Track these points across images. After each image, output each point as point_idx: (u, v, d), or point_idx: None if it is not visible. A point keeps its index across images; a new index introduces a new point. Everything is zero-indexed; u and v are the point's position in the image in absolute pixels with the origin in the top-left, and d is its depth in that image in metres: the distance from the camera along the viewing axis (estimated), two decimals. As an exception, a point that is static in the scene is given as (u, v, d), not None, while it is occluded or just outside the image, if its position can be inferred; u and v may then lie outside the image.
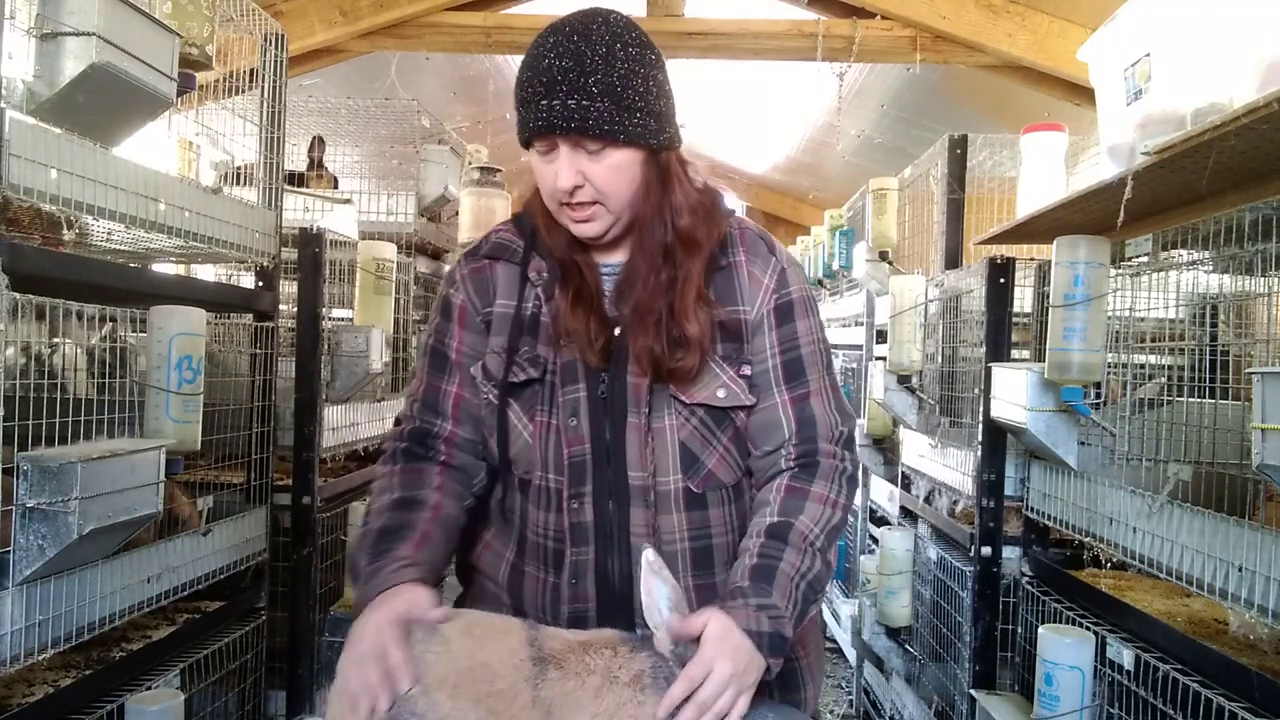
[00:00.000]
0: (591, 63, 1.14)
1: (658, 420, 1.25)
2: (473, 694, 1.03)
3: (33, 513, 1.40)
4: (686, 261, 1.25)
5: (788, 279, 1.31)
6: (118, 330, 1.84)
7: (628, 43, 1.17)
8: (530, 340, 1.28)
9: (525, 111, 1.18)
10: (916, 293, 2.75)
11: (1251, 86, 1.42)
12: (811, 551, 1.20)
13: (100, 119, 1.63)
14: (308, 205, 2.97)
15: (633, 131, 1.17)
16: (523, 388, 1.27)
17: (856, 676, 3.63)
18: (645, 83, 1.18)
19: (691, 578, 1.27)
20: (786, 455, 1.28)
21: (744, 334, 1.29)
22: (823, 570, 1.21)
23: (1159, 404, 1.89)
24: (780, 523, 1.21)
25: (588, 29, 1.16)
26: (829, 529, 1.24)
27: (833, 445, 1.29)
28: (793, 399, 1.28)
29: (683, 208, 1.26)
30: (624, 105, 1.16)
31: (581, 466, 1.24)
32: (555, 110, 1.14)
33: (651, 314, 1.23)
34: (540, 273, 1.30)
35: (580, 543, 1.24)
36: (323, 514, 2.51)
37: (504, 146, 5.84)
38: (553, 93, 1.14)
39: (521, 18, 4.57)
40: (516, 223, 1.36)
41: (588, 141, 1.16)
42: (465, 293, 1.33)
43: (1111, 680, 1.72)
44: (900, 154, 5.31)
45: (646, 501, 1.24)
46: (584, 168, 1.18)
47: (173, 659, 1.91)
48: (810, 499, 1.24)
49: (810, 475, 1.27)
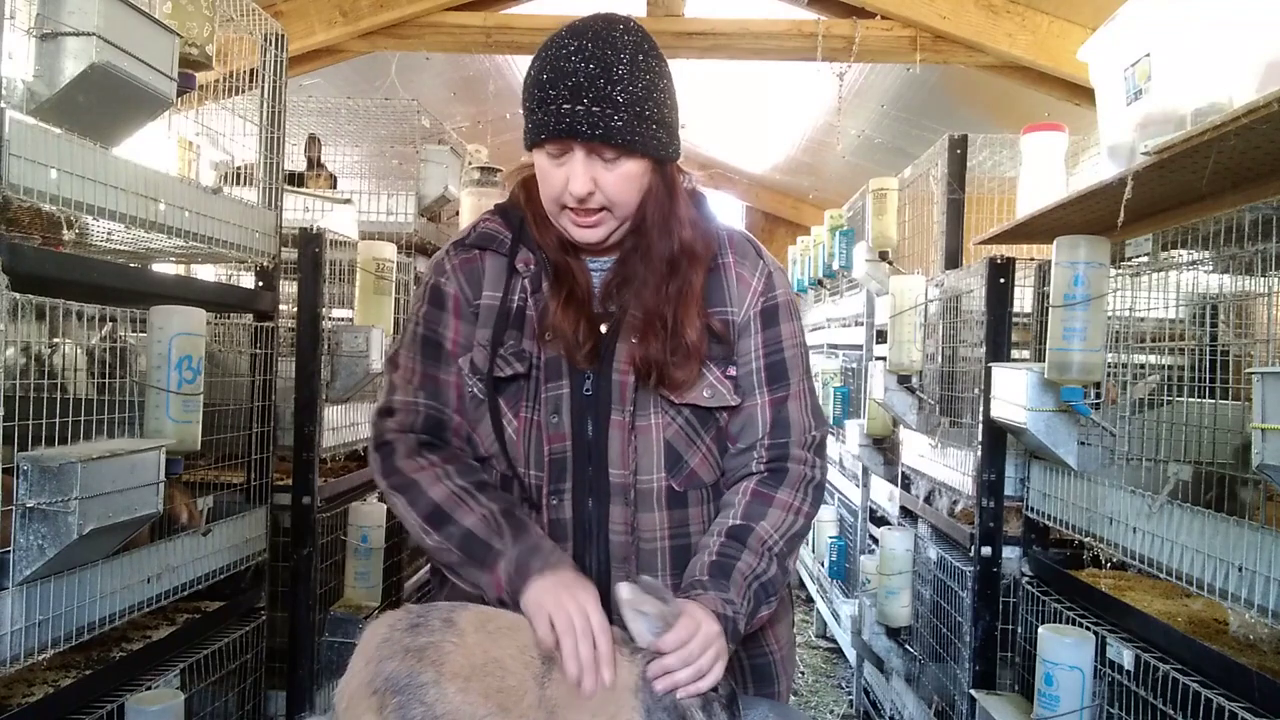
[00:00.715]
0: (617, 72, 1.14)
1: (643, 419, 1.26)
2: (483, 688, 1.04)
3: (33, 513, 1.40)
4: (689, 273, 1.27)
5: (774, 283, 1.34)
6: (118, 330, 1.84)
7: (648, 53, 1.19)
8: (515, 334, 1.28)
9: (542, 113, 1.17)
10: (916, 293, 2.75)
11: (1251, 86, 1.43)
12: (769, 556, 1.23)
13: (100, 119, 1.63)
14: (308, 205, 2.97)
15: (648, 143, 1.19)
16: (508, 383, 1.27)
17: (856, 676, 3.62)
18: (662, 95, 1.20)
19: (670, 576, 1.28)
20: (758, 457, 1.30)
21: (730, 335, 1.31)
22: (778, 574, 1.24)
23: (1159, 404, 1.89)
24: (741, 525, 1.24)
25: (611, 36, 1.16)
26: (789, 536, 1.26)
27: (804, 451, 1.31)
28: (772, 400, 1.31)
29: (685, 219, 1.28)
30: (643, 116, 1.17)
31: (562, 463, 1.25)
32: (579, 115, 1.14)
33: (659, 321, 1.24)
34: (528, 265, 1.30)
35: (559, 539, 1.25)
36: (323, 514, 2.51)
37: (504, 146, 5.85)
38: (577, 98, 1.14)
39: (521, 18, 4.57)
40: (503, 214, 1.36)
41: (606, 149, 1.17)
42: (457, 282, 1.32)
43: (1111, 680, 1.72)
44: (900, 154, 5.31)
45: (626, 499, 1.25)
46: (597, 174, 1.19)
47: (173, 659, 1.90)
48: (774, 505, 1.27)
49: (778, 481, 1.29)
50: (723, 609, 1.14)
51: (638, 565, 1.26)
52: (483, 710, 1.02)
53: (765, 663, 1.36)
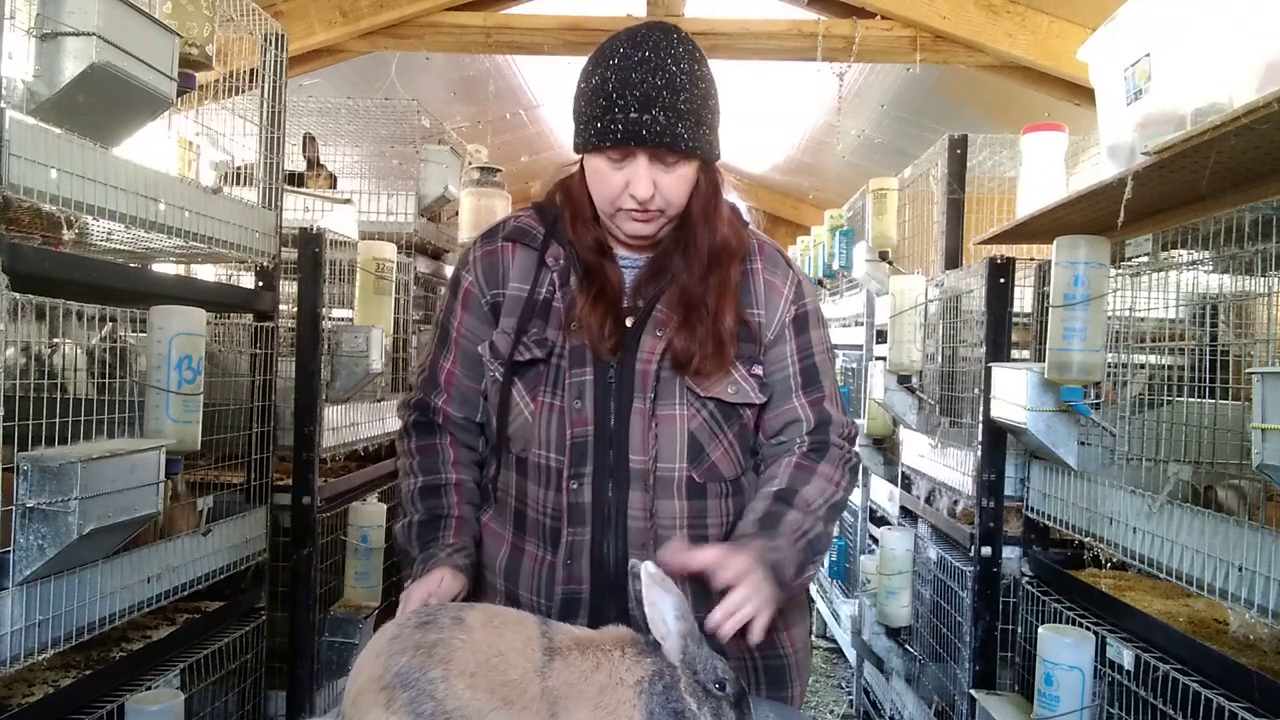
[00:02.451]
0: (679, 81, 1.21)
1: (666, 408, 1.30)
2: (489, 683, 1.05)
3: (33, 513, 1.40)
4: (728, 265, 1.33)
5: (803, 291, 1.41)
6: (118, 330, 1.84)
7: (700, 61, 1.26)
8: (540, 323, 1.34)
9: (607, 120, 1.22)
10: (916, 293, 2.75)
11: (1251, 86, 1.43)
12: (813, 517, 1.29)
13: (100, 119, 1.63)
14: (307, 205, 2.97)
15: (704, 147, 1.26)
16: (528, 367, 1.33)
17: (856, 676, 3.63)
18: (715, 102, 1.28)
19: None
20: (800, 442, 1.36)
21: (758, 336, 1.36)
22: (823, 534, 1.30)
23: (1159, 404, 1.89)
24: (786, 489, 1.30)
25: (670, 45, 1.23)
26: (830, 504, 1.32)
27: (842, 439, 1.39)
28: (810, 402, 1.38)
29: (724, 217, 1.35)
30: (701, 122, 1.24)
31: (583, 448, 1.29)
32: (647, 124, 1.20)
33: (702, 309, 1.30)
34: (558, 259, 1.36)
35: (577, 523, 1.29)
36: (323, 514, 2.51)
37: (504, 146, 5.85)
38: (645, 107, 1.20)
39: (521, 18, 4.57)
40: (539, 210, 1.42)
41: (669, 155, 1.24)
42: (475, 274, 1.40)
43: (1111, 680, 1.72)
44: (900, 154, 5.31)
45: (646, 485, 1.28)
46: (657, 178, 1.25)
47: (173, 659, 1.90)
48: (817, 475, 1.33)
49: (819, 457, 1.36)
50: (771, 556, 1.19)
51: (654, 552, 1.27)
52: (488, 705, 1.03)
53: (779, 664, 1.37)
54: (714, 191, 1.33)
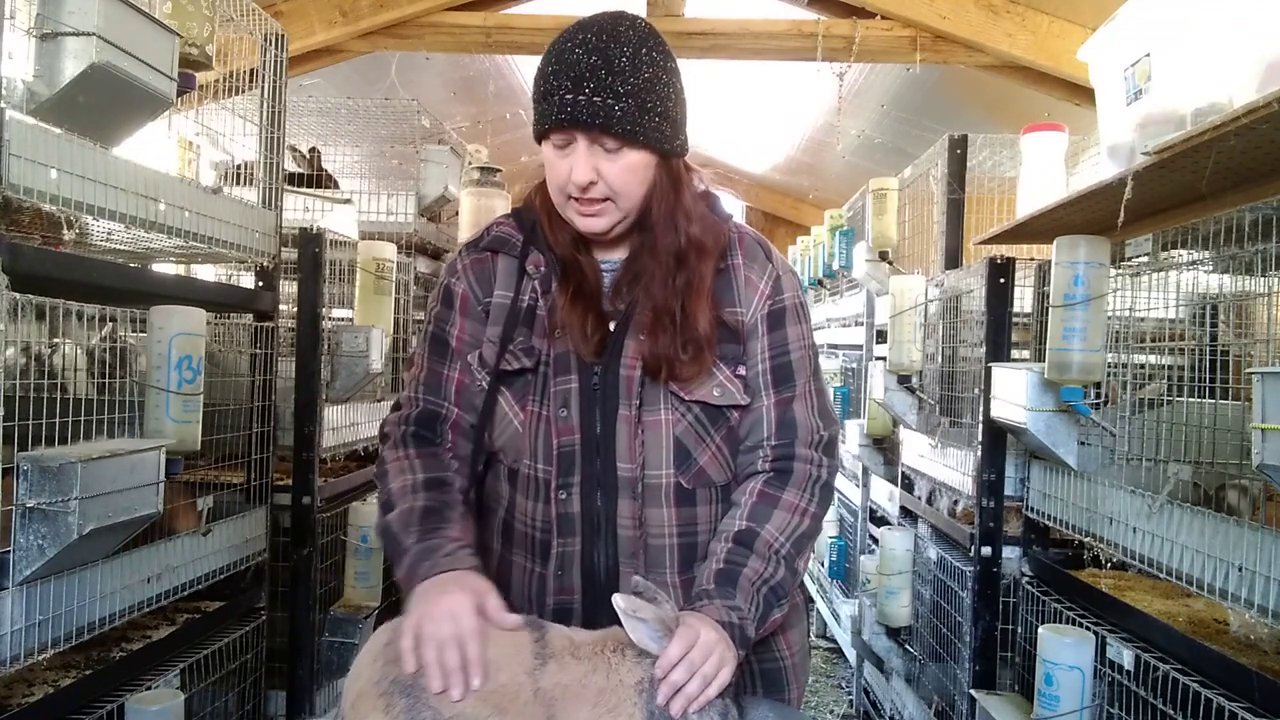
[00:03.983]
0: (619, 63, 1.16)
1: (651, 414, 1.27)
2: (482, 691, 1.05)
3: (33, 513, 1.40)
4: (698, 266, 1.28)
5: (782, 286, 1.34)
6: (118, 330, 1.84)
7: (652, 48, 1.21)
8: (525, 331, 1.30)
9: (547, 104, 1.19)
10: (916, 293, 2.75)
11: (1251, 86, 1.43)
12: (776, 560, 1.23)
13: (100, 119, 1.63)
14: (308, 205, 2.97)
15: (650, 134, 1.20)
16: (515, 376, 1.29)
17: (856, 676, 3.62)
18: (666, 89, 1.21)
19: (679, 574, 1.28)
20: (764, 456, 1.30)
21: (740, 335, 1.32)
22: (786, 577, 1.24)
23: (1159, 404, 1.89)
24: (746, 530, 1.24)
25: (616, 30, 1.19)
26: (796, 537, 1.26)
27: (811, 450, 1.31)
28: (777, 402, 1.31)
29: (693, 214, 1.29)
30: (645, 108, 1.19)
31: (570, 457, 1.26)
32: (580, 105, 1.16)
33: (667, 315, 1.25)
34: (538, 266, 1.32)
35: (567, 534, 1.26)
36: (323, 514, 2.51)
37: (504, 146, 5.85)
38: (579, 88, 1.16)
39: (521, 18, 4.57)
40: (516, 217, 1.39)
41: (607, 139, 1.19)
42: (467, 282, 1.36)
43: (1111, 680, 1.72)
44: (900, 154, 5.31)
45: (634, 493, 1.26)
46: (599, 165, 1.21)
47: (173, 659, 1.90)
48: (780, 507, 1.27)
49: (783, 482, 1.29)
50: (727, 616, 1.14)
51: (645, 560, 1.27)
52: (484, 712, 1.03)
53: (776, 668, 1.35)
54: (675, 188, 1.27)
